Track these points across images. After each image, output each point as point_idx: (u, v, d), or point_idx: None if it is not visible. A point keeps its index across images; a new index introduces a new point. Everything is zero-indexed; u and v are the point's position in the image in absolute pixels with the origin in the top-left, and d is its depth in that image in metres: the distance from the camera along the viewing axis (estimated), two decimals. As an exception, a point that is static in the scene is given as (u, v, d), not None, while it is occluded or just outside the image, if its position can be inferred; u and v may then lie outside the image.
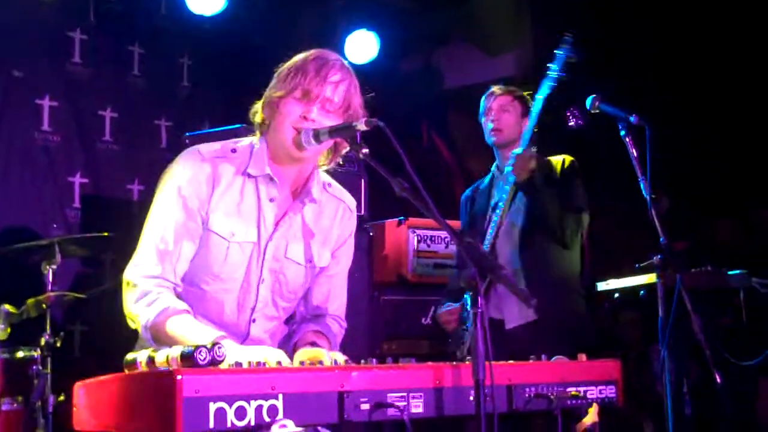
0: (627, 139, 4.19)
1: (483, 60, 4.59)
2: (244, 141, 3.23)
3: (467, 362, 2.58)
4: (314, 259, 3.29)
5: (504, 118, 4.90)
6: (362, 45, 7.14)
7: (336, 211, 3.37)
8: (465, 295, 4.67)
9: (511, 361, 2.83)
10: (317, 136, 3.03)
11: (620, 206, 5.75)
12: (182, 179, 3.09)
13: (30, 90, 6.21)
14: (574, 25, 6.39)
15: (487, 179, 5.03)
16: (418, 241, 6.06)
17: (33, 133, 6.21)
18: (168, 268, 3.05)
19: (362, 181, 5.81)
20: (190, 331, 2.91)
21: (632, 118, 4.19)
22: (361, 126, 2.92)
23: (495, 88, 5.02)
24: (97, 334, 6.11)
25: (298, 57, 3.16)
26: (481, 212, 4.91)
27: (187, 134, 5.36)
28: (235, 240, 3.12)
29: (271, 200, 3.18)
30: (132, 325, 3.06)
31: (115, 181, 6.57)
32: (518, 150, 4.63)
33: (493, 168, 5.04)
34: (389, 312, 5.94)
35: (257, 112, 3.19)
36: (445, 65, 5.33)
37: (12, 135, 6.12)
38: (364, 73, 7.17)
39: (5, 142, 6.07)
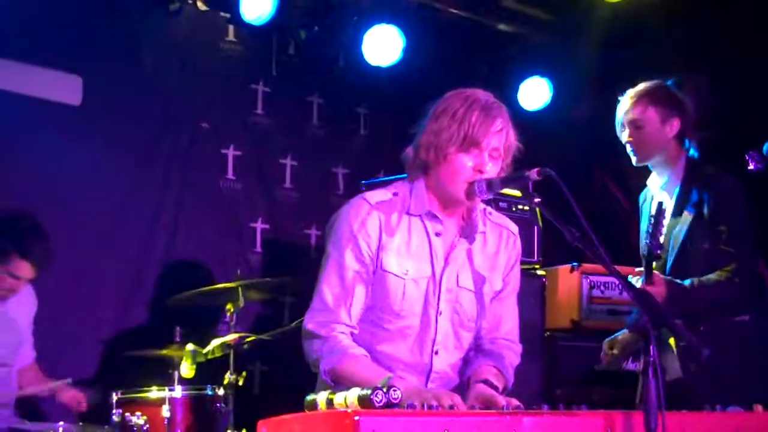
0: None
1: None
2: (400, 183, 3.32)
3: (639, 410, 2.57)
4: (485, 286, 3.34)
5: (638, 136, 4.44)
6: (535, 92, 7.18)
7: (500, 238, 3.42)
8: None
9: (684, 411, 2.80)
10: (491, 187, 3.09)
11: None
12: (352, 226, 3.19)
13: (216, 140, 6.50)
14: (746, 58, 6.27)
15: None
16: (591, 287, 6.01)
17: (218, 181, 6.50)
18: (344, 313, 3.16)
19: (535, 227, 5.82)
20: (368, 373, 3.00)
21: None
22: (534, 176, 2.96)
23: (625, 97, 4.52)
24: (276, 373, 6.31)
25: (455, 100, 3.21)
26: None
27: (363, 182, 5.50)
28: (410, 276, 3.21)
29: (437, 235, 3.26)
30: (314, 370, 3.18)
31: (294, 226, 6.78)
32: None
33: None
34: (562, 358, 5.90)
35: (417, 153, 3.26)
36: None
37: (199, 183, 6.41)
38: (537, 120, 7.28)
39: (193, 189, 6.36)
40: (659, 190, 4.52)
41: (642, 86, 4.51)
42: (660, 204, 4.17)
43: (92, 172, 5.77)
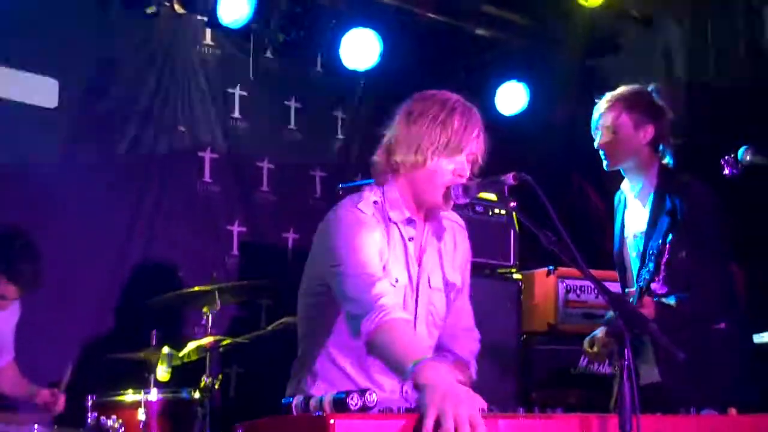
0: None
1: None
2: (372, 190, 3.28)
3: (615, 413, 2.59)
4: (450, 284, 3.37)
5: (610, 141, 4.41)
6: (512, 96, 7.21)
7: (453, 233, 3.45)
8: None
9: (658, 414, 2.82)
10: (467, 191, 3.11)
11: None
12: (360, 232, 3.12)
13: (193, 143, 6.49)
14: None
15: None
16: (567, 291, 6.04)
17: (195, 183, 6.48)
18: (380, 285, 3.02)
19: (511, 231, 5.85)
20: (406, 347, 2.82)
21: None
22: (509, 180, 2.98)
23: (601, 101, 4.49)
24: (252, 377, 6.31)
25: (431, 104, 3.20)
26: None
27: (341, 185, 5.52)
28: (399, 285, 3.21)
29: (410, 239, 3.27)
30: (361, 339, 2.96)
31: (271, 229, 6.78)
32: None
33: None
34: (538, 361, 5.93)
35: (390, 157, 3.23)
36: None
37: (175, 185, 6.39)
38: (514, 124, 7.31)
39: (169, 192, 6.34)
40: (633, 198, 4.52)
41: (619, 90, 4.50)
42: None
43: (68, 175, 5.75)
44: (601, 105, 4.50)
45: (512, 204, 3.02)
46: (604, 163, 4.49)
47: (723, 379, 4.37)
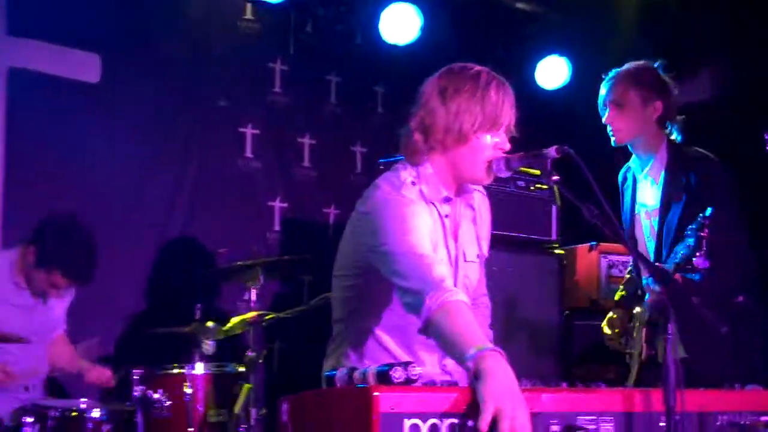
0: None
1: (675, 82, 4.47)
2: (405, 168, 3.25)
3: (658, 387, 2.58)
4: (481, 254, 3.39)
5: (617, 116, 4.40)
6: (553, 70, 7.17)
7: (480, 202, 3.44)
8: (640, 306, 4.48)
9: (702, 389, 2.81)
10: (509, 165, 3.09)
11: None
12: (407, 212, 3.08)
13: (234, 119, 6.51)
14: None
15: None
16: (610, 267, 6.03)
17: (236, 159, 6.52)
18: (440, 267, 2.99)
19: (553, 206, 5.82)
20: (464, 331, 2.74)
21: None
22: (552, 154, 2.96)
23: (608, 77, 4.47)
24: (295, 351, 6.35)
25: (464, 79, 3.17)
26: None
27: (381, 160, 5.51)
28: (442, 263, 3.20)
29: (446, 216, 3.26)
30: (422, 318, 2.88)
31: (312, 205, 6.80)
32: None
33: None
34: (580, 336, 5.93)
35: (429, 137, 3.19)
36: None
37: (217, 162, 6.44)
38: (555, 99, 7.26)
39: (211, 168, 6.39)
40: (643, 177, 4.48)
41: (626, 67, 4.47)
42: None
43: (110, 150, 5.81)
44: (608, 81, 4.46)
45: (555, 177, 3.00)
46: (612, 139, 4.46)
47: (747, 352, 4.31)
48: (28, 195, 5.52)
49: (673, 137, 4.43)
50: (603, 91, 4.46)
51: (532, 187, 5.70)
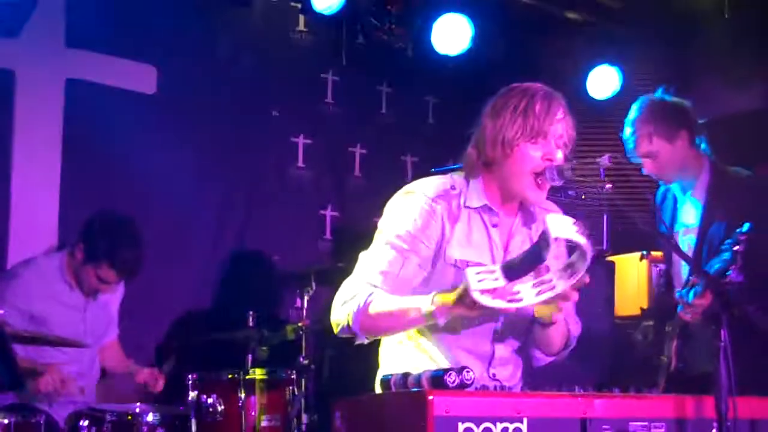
0: None
1: (726, 92, 4.44)
2: (456, 176, 3.35)
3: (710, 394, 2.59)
4: None
5: (655, 165, 4.40)
6: (604, 80, 7.15)
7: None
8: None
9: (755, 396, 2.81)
10: (561, 173, 3.12)
11: None
12: (411, 219, 3.25)
13: (286, 128, 6.59)
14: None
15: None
16: (660, 276, 6.00)
17: (289, 168, 6.59)
18: (386, 281, 3.17)
19: (604, 214, 5.82)
20: (399, 302, 3.03)
21: None
22: (605, 162, 2.99)
23: (625, 132, 4.47)
24: (345, 358, 6.39)
25: (513, 95, 3.23)
26: None
27: (433, 170, 5.54)
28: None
29: (494, 226, 3.29)
30: (337, 331, 3.20)
31: (363, 214, 6.84)
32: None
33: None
34: (630, 345, 5.90)
35: (481, 151, 3.27)
36: (687, 99, 5.26)
37: (270, 170, 6.52)
38: (606, 108, 7.23)
39: (263, 176, 6.47)
40: (687, 197, 4.48)
41: (638, 114, 4.47)
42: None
43: (165, 159, 5.89)
44: (628, 138, 4.46)
45: (607, 186, 3.02)
46: (662, 183, 4.50)
47: None
48: (85, 200, 5.61)
49: (703, 149, 4.44)
50: (628, 147, 4.46)
51: (583, 196, 5.69)
